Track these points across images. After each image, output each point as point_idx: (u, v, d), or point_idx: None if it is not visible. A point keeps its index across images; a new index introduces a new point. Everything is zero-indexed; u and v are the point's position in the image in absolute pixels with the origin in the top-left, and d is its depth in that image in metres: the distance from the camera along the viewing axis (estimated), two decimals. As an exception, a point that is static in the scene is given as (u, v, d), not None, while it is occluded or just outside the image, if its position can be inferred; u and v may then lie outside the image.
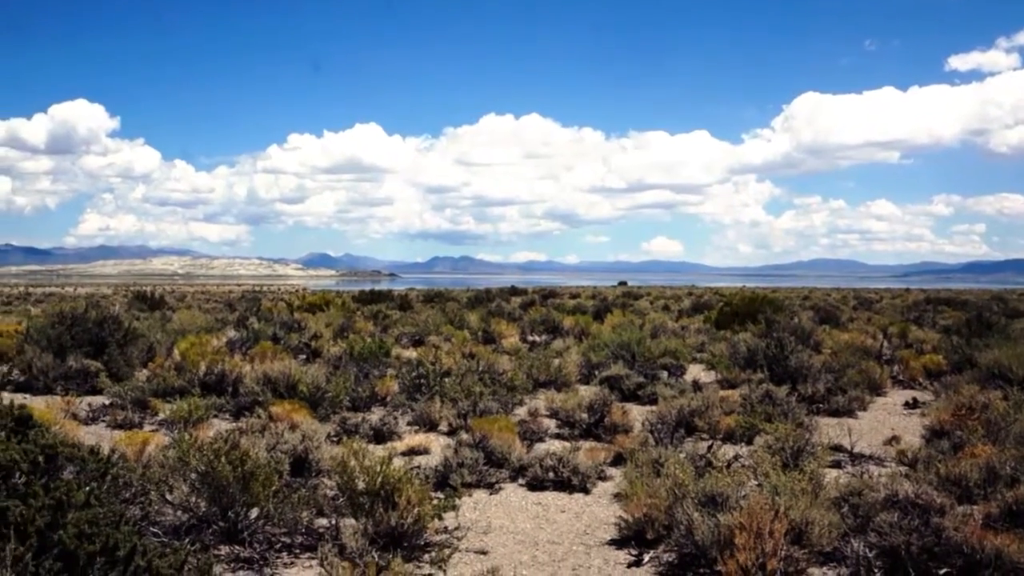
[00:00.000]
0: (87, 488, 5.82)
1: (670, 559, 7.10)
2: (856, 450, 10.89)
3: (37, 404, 11.23)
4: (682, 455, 9.34)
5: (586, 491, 9.31)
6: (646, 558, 7.13)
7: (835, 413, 14.04)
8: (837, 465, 10.28)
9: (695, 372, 18.40)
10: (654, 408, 12.95)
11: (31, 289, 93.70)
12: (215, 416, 12.73)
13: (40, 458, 5.70)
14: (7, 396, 13.21)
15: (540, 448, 10.83)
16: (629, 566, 7.07)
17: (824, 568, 6.80)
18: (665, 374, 17.39)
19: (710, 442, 10.58)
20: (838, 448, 10.80)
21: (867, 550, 6.52)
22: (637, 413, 13.10)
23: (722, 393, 14.23)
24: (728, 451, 10.27)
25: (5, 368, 15.47)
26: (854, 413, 14.19)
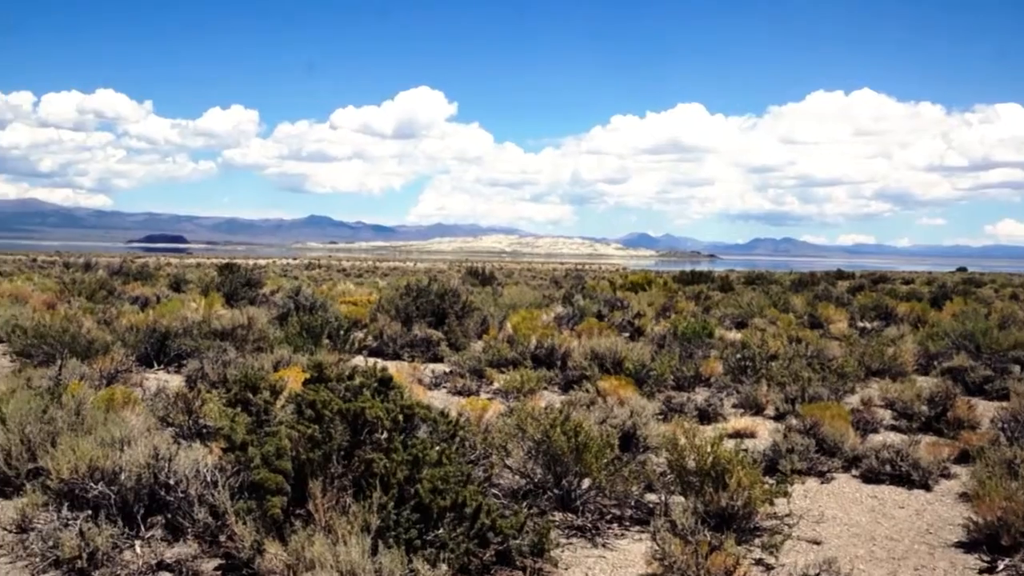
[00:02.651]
0: (438, 447, 6.29)
1: (1029, 570, 6.50)
2: None
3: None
4: (1042, 457, 8.52)
5: (927, 488, 8.74)
6: (1001, 565, 6.57)
7: None
8: None
9: (1054, 368, 16.61)
10: (1005, 404, 11.85)
11: (378, 263, 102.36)
12: (545, 388, 13.25)
13: (400, 417, 6.23)
14: (361, 360, 14.55)
15: (875, 439, 10.30)
16: (980, 572, 6.56)
17: None
18: (1017, 368, 15.85)
19: (1075, 445, 9.53)
20: None
21: None
22: (984, 409, 12.09)
23: (1090, 393, 12.76)
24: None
25: (361, 334, 17.01)
26: None
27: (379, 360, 15.33)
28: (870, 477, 9.02)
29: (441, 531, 5.69)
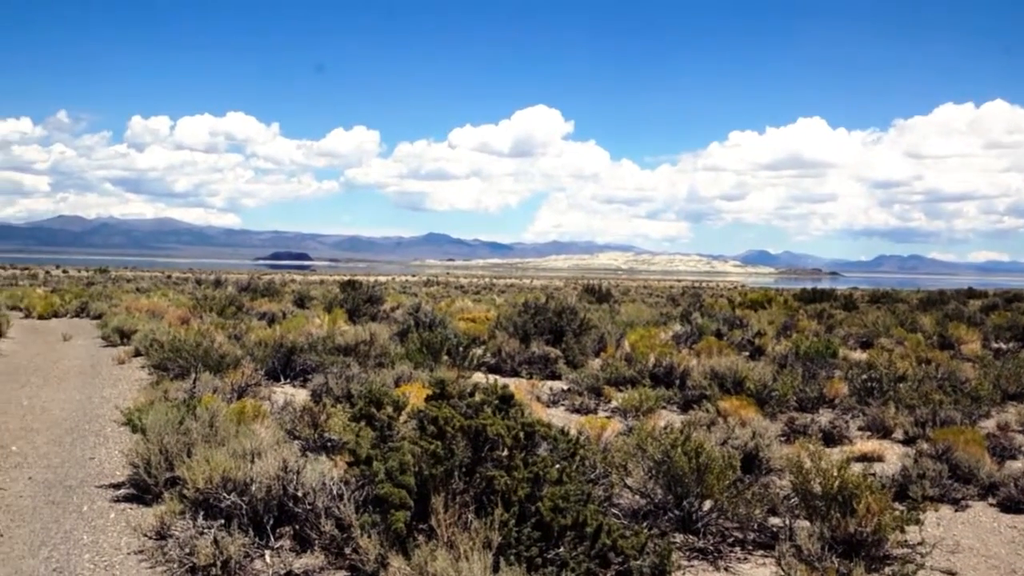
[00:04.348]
0: (559, 466, 6.30)
1: None
2: None
3: (507, 385, 12.33)
4: None
5: (1072, 519, 8.29)
6: None
7: None
8: None
9: None
10: None
11: (494, 281, 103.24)
12: (664, 407, 13.10)
13: (520, 434, 6.25)
14: (480, 377, 14.69)
15: (1013, 466, 9.82)
16: None
17: None
18: None
19: None
20: None
21: None
22: None
23: None
24: None
25: (480, 351, 17.18)
26: None
27: (498, 377, 15.43)
28: (1009, 506, 8.61)
29: (562, 550, 5.69)
